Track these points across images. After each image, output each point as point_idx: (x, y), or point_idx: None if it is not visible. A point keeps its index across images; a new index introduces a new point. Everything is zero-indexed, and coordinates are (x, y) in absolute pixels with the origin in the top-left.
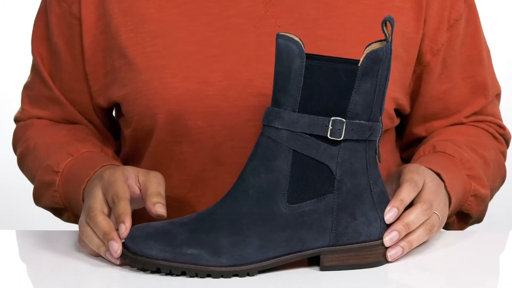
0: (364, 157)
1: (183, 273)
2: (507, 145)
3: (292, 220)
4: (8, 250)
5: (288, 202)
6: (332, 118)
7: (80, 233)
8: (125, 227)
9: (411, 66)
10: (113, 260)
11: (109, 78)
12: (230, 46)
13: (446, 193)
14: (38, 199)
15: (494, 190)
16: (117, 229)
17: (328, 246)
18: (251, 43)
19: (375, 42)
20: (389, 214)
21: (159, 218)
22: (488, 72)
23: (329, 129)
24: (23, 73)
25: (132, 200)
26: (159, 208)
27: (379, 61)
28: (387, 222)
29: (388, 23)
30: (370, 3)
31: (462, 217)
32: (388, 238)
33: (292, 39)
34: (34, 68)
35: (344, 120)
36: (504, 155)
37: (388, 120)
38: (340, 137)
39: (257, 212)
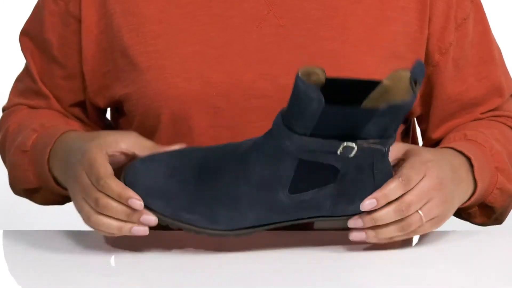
0: (371, 156)
1: (179, 229)
2: None
3: (292, 207)
4: (12, 250)
5: (289, 192)
6: (344, 143)
7: (93, 224)
8: (138, 200)
9: None
10: (141, 232)
11: (109, 77)
12: (232, 47)
13: (471, 179)
14: (13, 183)
15: None
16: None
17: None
18: (253, 44)
19: (401, 70)
20: (366, 203)
21: None
22: (502, 71)
23: (339, 151)
24: None
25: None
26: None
27: (399, 110)
28: (362, 209)
29: (415, 76)
30: (373, 3)
31: (485, 209)
32: (352, 222)
33: (312, 87)
34: (26, 64)
35: (355, 146)
36: None
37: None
38: (350, 155)
39: (257, 195)
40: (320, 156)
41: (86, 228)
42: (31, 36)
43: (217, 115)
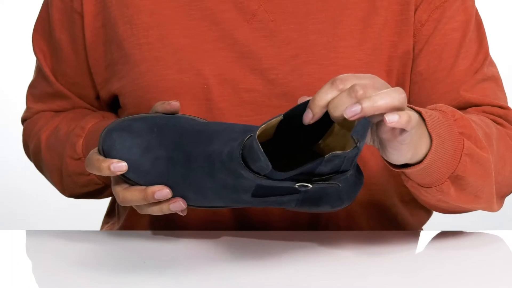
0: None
1: None
2: None
3: (256, 204)
4: (12, 250)
5: (252, 196)
6: (297, 184)
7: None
8: (117, 162)
9: (410, 54)
10: (178, 207)
11: (109, 71)
12: (223, 41)
13: (427, 134)
14: (70, 190)
15: (504, 178)
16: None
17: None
18: (244, 39)
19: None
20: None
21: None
22: (477, 38)
23: (295, 187)
24: (23, 73)
25: None
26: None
27: (343, 158)
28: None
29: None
30: None
31: (458, 183)
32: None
33: (264, 157)
34: (37, 67)
35: (310, 185)
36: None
37: None
38: (307, 189)
39: (222, 192)
40: (277, 189)
41: (86, 228)
42: (43, 36)
43: (208, 107)
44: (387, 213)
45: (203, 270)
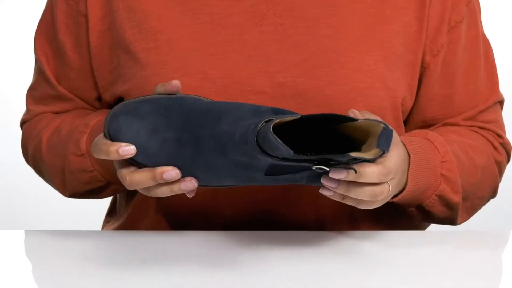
0: None
1: None
2: (508, 155)
3: (268, 182)
4: (12, 250)
5: (265, 174)
6: (315, 167)
7: (150, 192)
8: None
9: (418, 66)
10: (190, 187)
11: (114, 74)
12: (231, 44)
13: (405, 177)
14: (73, 189)
15: (482, 199)
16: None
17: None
18: (252, 42)
19: (375, 121)
20: (337, 173)
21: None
22: (488, 78)
23: (313, 168)
24: (24, 73)
25: None
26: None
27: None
28: (331, 175)
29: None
30: (372, 2)
31: (423, 213)
32: (335, 172)
33: (282, 144)
34: (38, 69)
35: (328, 169)
36: (499, 165)
37: (393, 122)
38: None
39: (235, 170)
40: (292, 168)
41: (86, 228)
42: (47, 38)
43: None
44: (389, 215)
45: (203, 270)
